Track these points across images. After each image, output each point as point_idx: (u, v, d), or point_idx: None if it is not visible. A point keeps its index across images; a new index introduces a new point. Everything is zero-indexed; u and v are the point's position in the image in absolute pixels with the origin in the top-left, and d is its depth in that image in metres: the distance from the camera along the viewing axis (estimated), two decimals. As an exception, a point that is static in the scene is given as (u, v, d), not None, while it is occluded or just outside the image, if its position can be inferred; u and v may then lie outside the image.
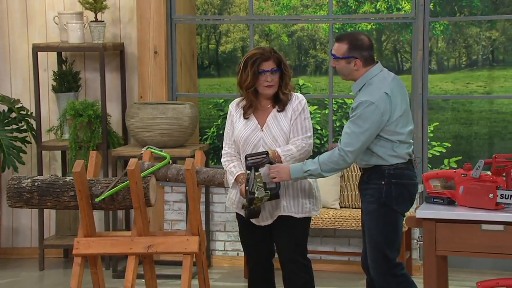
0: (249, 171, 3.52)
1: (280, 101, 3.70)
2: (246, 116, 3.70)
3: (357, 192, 5.24)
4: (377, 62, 3.70)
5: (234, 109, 3.75)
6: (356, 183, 5.24)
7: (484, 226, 3.13)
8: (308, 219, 3.76)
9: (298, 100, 3.71)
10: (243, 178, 3.62)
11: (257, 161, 3.52)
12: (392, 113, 3.56)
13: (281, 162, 3.61)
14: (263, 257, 3.80)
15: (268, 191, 3.52)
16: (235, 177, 3.68)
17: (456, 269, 4.74)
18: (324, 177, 3.65)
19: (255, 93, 3.67)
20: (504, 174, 3.25)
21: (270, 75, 3.63)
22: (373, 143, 3.56)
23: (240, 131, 3.70)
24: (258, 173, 3.51)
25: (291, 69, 3.75)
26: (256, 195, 3.48)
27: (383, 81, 3.63)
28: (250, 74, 3.61)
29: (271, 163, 3.56)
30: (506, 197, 3.14)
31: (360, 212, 3.83)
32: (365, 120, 3.52)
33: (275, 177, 3.56)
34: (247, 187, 3.52)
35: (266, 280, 3.83)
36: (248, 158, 3.54)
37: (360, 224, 3.87)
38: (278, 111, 3.69)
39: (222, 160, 3.78)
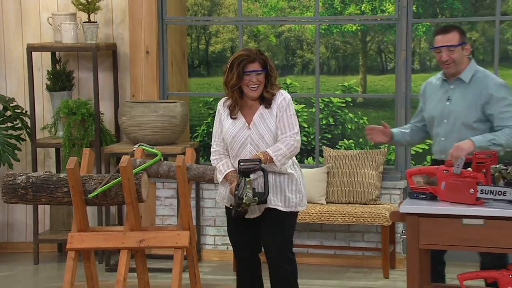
0: (240, 176, 3.52)
1: (265, 99, 3.69)
2: (233, 116, 3.70)
3: (343, 188, 5.26)
4: None
5: (222, 108, 3.75)
6: (342, 179, 5.26)
7: (465, 221, 3.14)
8: (294, 214, 3.75)
9: (282, 97, 3.70)
10: (233, 176, 3.62)
11: (249, 167, 3.52)
12: None
13: (273, 163, 3.61)
14: (250, 252, 3.79)
15: (256, 198, 3.52)
16: (224, 175, 3.68)
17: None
18: (504, 149, 3.65)
19: (240, 92, 3.67)
20: (484, 170, 3.26)
21: (255, 76, 3.63)
22: None
23: (228, 129, 3.69)
24: (249, 179, 3.51)
25: (276, 69, 3.76)
26: (244, 201, 3.49)
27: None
28: (235, 74, 3.61)
29: (263, 170, 3.56)
30: (486, 192, 3.16)
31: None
32: (511, 97, 3.71)
33: (461, 152, 3.47)
34: (236, 191, 3.52)
35: (253, 273, 3.83)
36: (241, 163, 3.52)
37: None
38: (265, 108, 3.69)
39: (211, 158, 3.77)
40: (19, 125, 5.54)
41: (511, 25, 7.22)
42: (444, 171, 3.27)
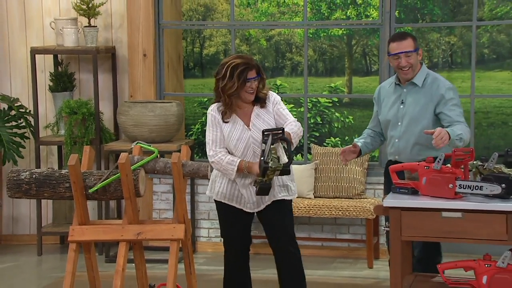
0: (264, 144, 3.45)
1: (259, 100, 3.69)
2: (225, 120, 3.67)
3: (330, 183, 5.26)
4: None
5: (217, 114, 3.70)
6: (329, 175, 5.26)
7: (444, 214, 3.15)
8: (292, 201, 3.79)
9: (273, 96, 3.75)
10: (246, 162, 3.60)
11: (273, 135, 3.48)
12: None
13: (291, 140, 3.58)
14: (242, 245, 3.78)
15: (281, 164, 3.45)
16: (237, 164, 3.62)
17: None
18: (464, 143, 3.60)
19: (236, 97, 3.65)
20: (462, 166, 3.27)
21: (253, 82, 3.63)
22: None
23: (231, 133, 3.66)
24: (273, 146, 3.45)
25: (267, 71, 3.76)
26: (270, 165, 3.41)
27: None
28: (237, 83, 3.56)
29: (285, 139, 3.51)
30: (464, 187, 3.16)
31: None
32: (459, 101, 3.74)
33: (443, 142, 3.45)
34: (262, 158, 3.44)
35: (244, 265, 3.82)
36: (265, 132, 3.49)
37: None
38: (261, 107, 3.69)
39: (215, 158, 3.66)
40: (23, 124, 5.52)
41: (487, 30, 7.24)
42: (425, 167, 3.27)
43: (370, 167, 5.31)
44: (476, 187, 3.14)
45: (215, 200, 3.80)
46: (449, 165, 3.26)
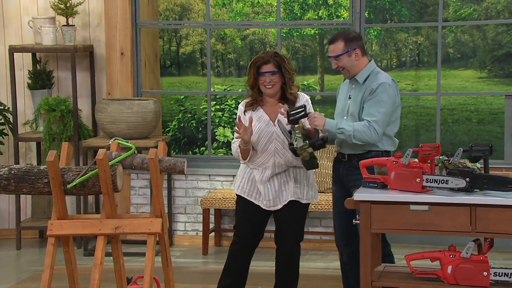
0: (291, 125, 3.47)
1: (288, 101, 3.68)
2: (246, 112, 3.68)
3: (327, 179, 5.24)
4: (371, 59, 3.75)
5: (243, 107, 3.74)
6: (327, 171, 5.23)
7: (412, 207, 3.17)
8: (308, 206, 3.77)
9: (305, 98, 3.73)
10: (239, 124, 3.59)
11: (296, 114, 3.47)
12: (398, 98, 3.66)
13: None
14: (255, 241, 3.78)
15: (307, 141, 3.43)
16: (236, 144, 3.65)
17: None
18: (351, 141, 3.55)
19: (259, 91, 3.68)
20: (429, 161, 3.30)
21: (269, 76, 3.62)
22: None
23: (255, 126, 3.67)
24: (297, 125, 3.45)
25: (293, 70, 3.68)
26: (294, 146, 3.42)
27: (385, 73, 3.72)
28: (252, 75, 3.64)
29: (308, 116, 3.52)
30: (431, 181, 3.19)
31: (333, 196, 3.83)
32: (387, 99, 3.59)
33: (313, 122, 3.50)
34: (288, 139, 3.48)
35: (248, 260, 3.81)
36: (290, 113, 3.48)
37: (335, 207, 3.81)
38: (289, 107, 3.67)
39: (231, 147, 3.74)
40: (2, 120, 5.45)
41: (452, 30, 7.32)
42: (394, 162, 3.29)
43: (341, 162, 5.33)
44: (442, 181, 3.17)
45: (236, 194, 3.79)
46: (416, 160, 3.29)
